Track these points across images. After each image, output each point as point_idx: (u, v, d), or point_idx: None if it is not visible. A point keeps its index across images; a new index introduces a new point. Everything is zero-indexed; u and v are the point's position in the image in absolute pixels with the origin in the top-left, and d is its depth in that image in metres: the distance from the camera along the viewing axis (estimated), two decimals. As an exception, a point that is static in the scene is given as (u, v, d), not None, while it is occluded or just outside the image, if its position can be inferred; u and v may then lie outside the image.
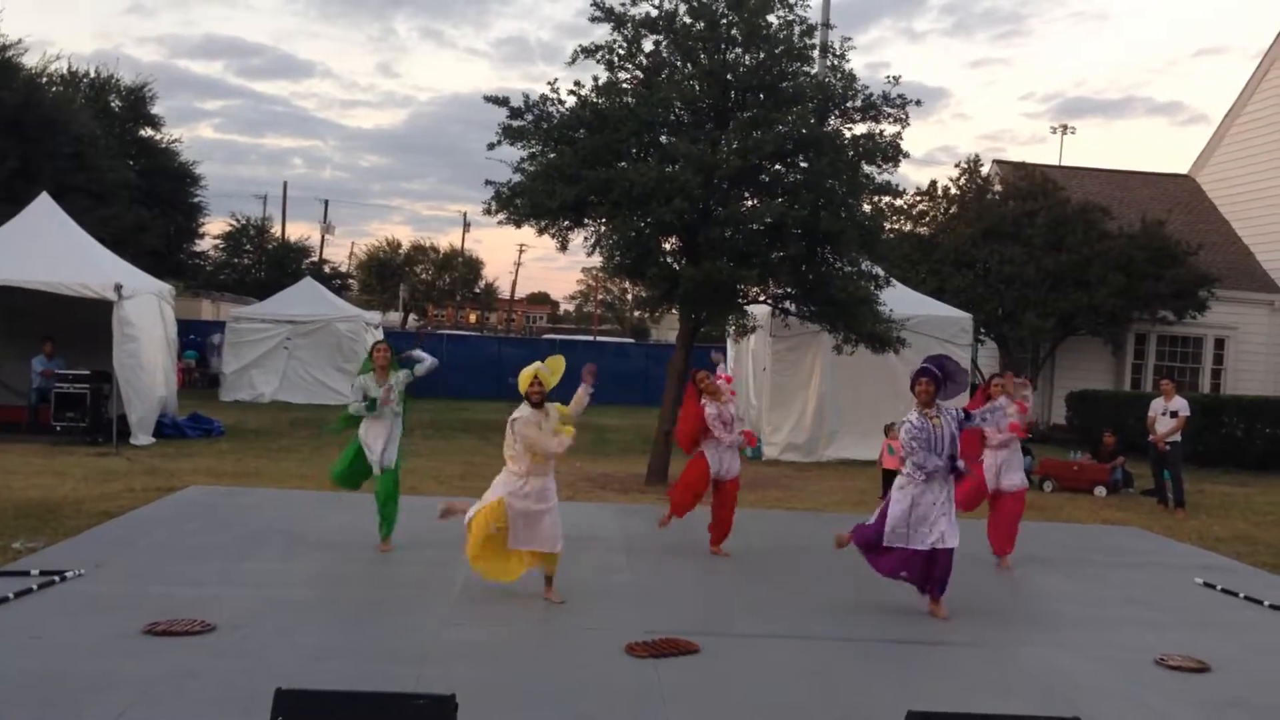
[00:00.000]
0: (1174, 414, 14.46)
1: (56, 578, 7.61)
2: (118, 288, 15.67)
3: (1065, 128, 75.59)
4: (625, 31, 14.96)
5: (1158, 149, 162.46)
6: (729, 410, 9.85)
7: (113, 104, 32.03)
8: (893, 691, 6.15)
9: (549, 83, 17.85)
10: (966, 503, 9.83)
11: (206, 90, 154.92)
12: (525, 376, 7.72)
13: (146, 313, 16.86)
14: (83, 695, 5.46)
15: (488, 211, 15.12)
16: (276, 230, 49.32)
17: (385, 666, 6.14)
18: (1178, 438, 14.44)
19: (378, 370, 9.34)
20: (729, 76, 14.78)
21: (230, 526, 10.04)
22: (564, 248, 15.38)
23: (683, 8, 14.87)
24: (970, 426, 8.12)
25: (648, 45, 15.15)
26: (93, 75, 32.27)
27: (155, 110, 33.14)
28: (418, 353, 9.60)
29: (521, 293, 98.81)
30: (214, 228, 51.88)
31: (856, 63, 78.95)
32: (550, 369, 7.88)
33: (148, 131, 33.00)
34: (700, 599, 8.19)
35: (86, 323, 16.52)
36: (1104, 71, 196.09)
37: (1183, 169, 30.98)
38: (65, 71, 31.50)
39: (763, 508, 13.06)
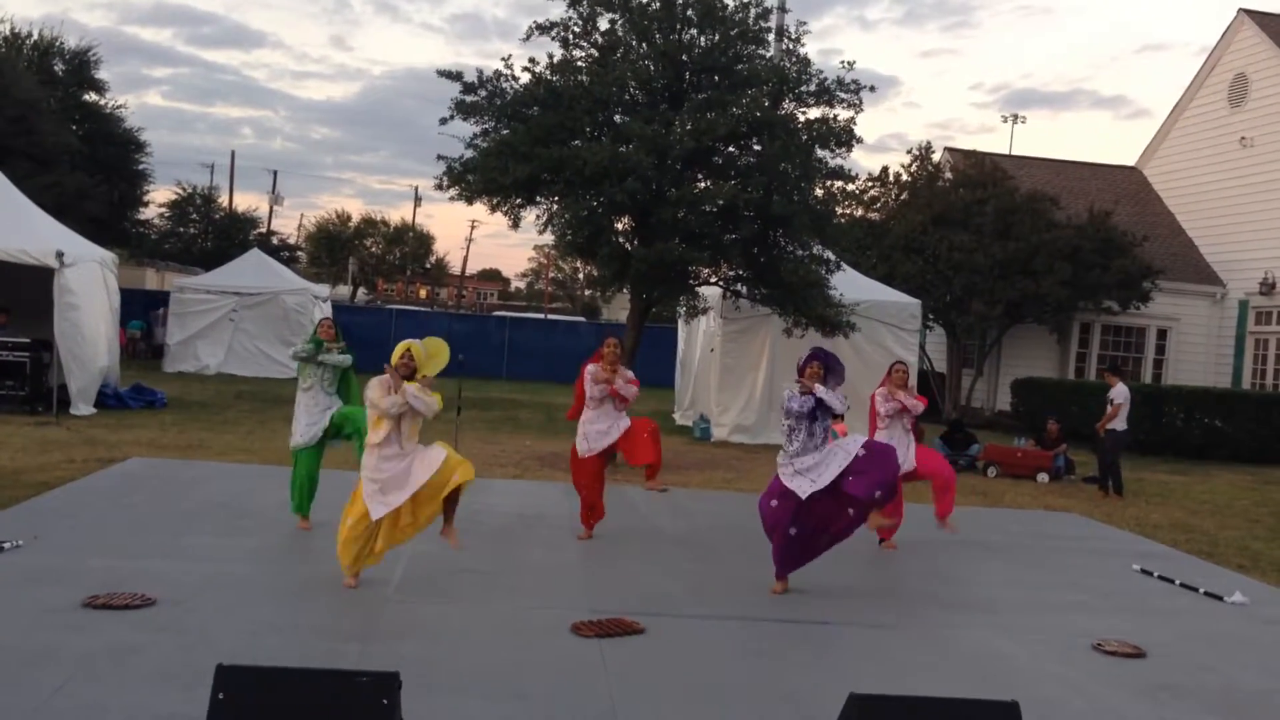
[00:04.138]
0: (1110, 402, 14.77)
1: (-7, 549, 7.49)
2: (59, 255, 15.40)
3: (1016, 117, 76.26)
4: (581, 9, 14.90)
5: (1103, 141, 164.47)
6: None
7: (56, 68, 31.39)
8: (834, 673, 6.21)
9: (503, 59, 17.76)
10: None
11: (155, 57, 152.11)
12: (398, 349, 7.33)
13: (89, 281, 16.56)
14: (20, 669, 5.38)
15: (440, 187, 15.03)
16: (224, 200, 48.74)
17: (328, 643, 6.10)
18: (1115, 425, 14.68)
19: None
20: (684, 57, 14.78)
21: (172, 500, 9.92)
22: (516, 225, 15.35)
23: (639, -14, 14.83)
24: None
25: (603, 23, 15.11)
26: (36, 38, 31.63)
27: (100, 75, 32.57)
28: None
29: (473, 269, 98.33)
30: (160, 196, 51.10)
31: (810, 49, 79.15)
32: (429, 351, 7.43)
33: (91, 96, 32.40)
34: (646, 579, 8.21)
35: (27, 290, 16.22)
36: (1050, 65, 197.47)
37: (1129, 161, 31.39)
38: (8, 33, 30.87)
39: (710, 489, 13.12)
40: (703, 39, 14.90)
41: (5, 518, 8.71)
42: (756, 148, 14.97)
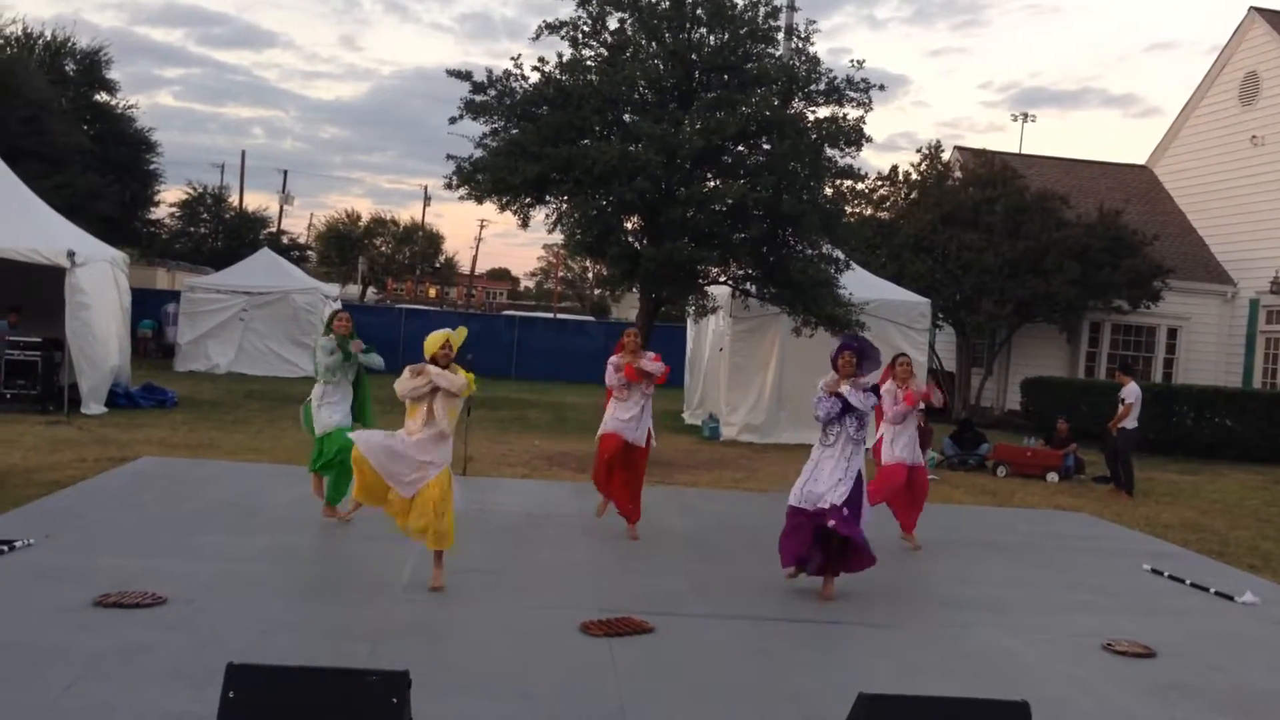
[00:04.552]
0: (1122, 401, 14.79)
1: (5, 548, 7.50)
2: (70, 254, 15.44)
3: (1026, 116, 75.87)
4: (590, 8, 14.92)
5: (1113, 140, 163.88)
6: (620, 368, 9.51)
7: (67, 68, 31.48)
8: (843, 673, 6.21)
9: (513, 58, 17.80)
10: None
11: (167, 58, 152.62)
12: (435, 340, 7.43)
13: (100, 280, 16.61)
14: (30, 667, 5.40)
15: (449, 186, 15.05)
16: (234, 200, 48.85)
17: (338, 643, 6.11)
18: (1126, 424, 14.70)
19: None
20: (693, 56, 14.78)
21: (183, 499, 9.95)
22: (525, 224, 15.39)
23: (648, -15, 14.83)
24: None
25: (612, 23, 15.13)
26: (48, 38, 31.72)
27: (111, 75, 32.67)
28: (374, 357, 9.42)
29: (482, 268, 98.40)
30: (170, 196, 51.28)
31: (819, 48, 78.98)
32: (459, 336, 7.60)
33: (103, 96, 32.49)
34: (655, 578, 8.21)
35: (38, 289, 16.27)
36: (1059, 63, 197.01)
37: (1139, 160, 31.30)
38: (19, 34, 30.96)
39: (719, 488, 13.11)
40: (712, 38, 14.91)
41: (17, 516, 8.74)
42: (766, 147, 14.97)
